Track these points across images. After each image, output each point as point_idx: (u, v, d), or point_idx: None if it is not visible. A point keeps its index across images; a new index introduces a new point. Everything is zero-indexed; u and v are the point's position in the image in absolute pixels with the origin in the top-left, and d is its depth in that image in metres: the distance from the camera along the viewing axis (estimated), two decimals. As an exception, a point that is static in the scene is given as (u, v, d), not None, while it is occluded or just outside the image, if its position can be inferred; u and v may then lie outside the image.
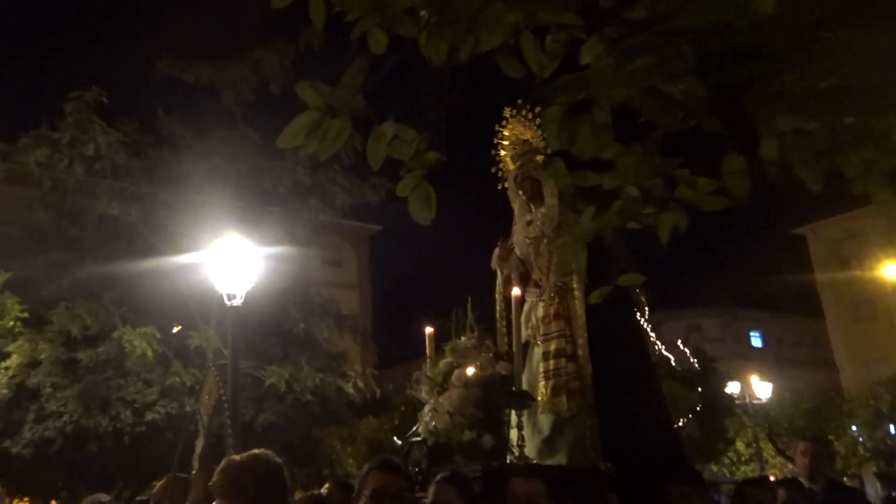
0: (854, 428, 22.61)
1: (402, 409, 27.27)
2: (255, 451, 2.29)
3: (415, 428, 5.02)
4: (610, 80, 1.56)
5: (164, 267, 12.98)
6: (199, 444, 6.98)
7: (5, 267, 11.86)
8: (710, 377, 25.29)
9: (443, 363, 4.97)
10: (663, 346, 24.43)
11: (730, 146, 1.76)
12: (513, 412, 4.95)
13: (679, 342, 26.96)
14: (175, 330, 13.99)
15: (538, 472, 3.35)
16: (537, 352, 5.40)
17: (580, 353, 5.18)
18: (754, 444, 23.89)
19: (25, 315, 9.73)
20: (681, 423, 21.58)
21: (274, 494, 2.15)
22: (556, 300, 5.39)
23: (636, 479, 4.49)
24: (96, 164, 12.16)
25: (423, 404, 5.08)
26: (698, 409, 23.06)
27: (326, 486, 5.21)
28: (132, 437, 13.67)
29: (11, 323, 9.83)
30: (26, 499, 18.39)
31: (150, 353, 12.44)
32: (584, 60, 1.84)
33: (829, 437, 23.16)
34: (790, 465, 24.89)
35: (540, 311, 5.46)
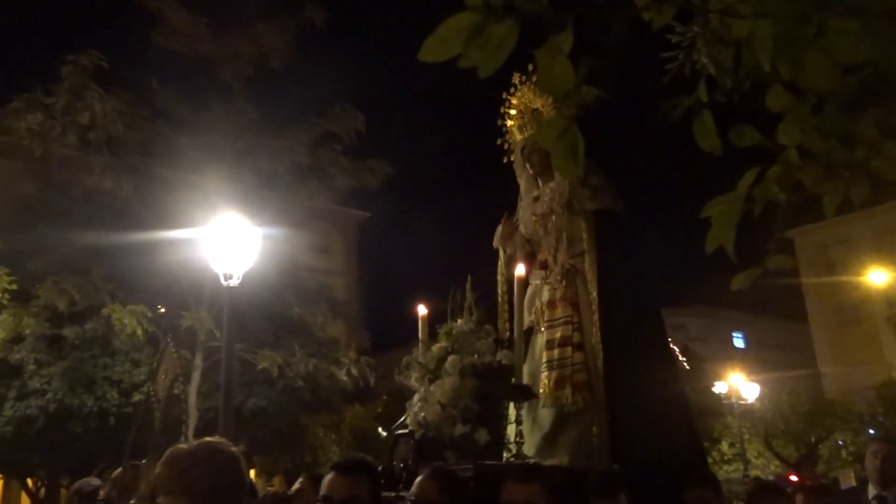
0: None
1: (385, 398, 27.04)
2: (208, 438, 1.92)
3: (403, 419, 4.57)
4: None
5: (157, 244, 12.54)
6: (187, 428, 6.53)
7: (-9, 238, 11.38)
8: (699, 376, 25.34)
9: (436, 348, 4.50)
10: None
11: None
12: (511, 405, 4.50)
13: (669, 340, 26.99)
14: (161, 310, 13.55)
15: (536, 474, 3.02)
16: (541, 339, 5.02)
17: (591, 341, 4.78)
18: (737, 444, 23.96)
19: (14, 287, 9.30)
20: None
21: (228, 490, 1.79)
22: (564, 283, 4.99)
23: (648, 483, 4.09)
24: (90, 134, 11.65)
25: (411, 393, 4.70)
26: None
27: (300, 479, 4.84)
28: (118, 419, 13.23)
29: (0, 295, 9.40)
30: (1, 477, 17.93)
31: (140, 333, 11.99)
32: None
33: (813, 440, 23.33)
34: (772, 467, 25.07)
35: (545, 295, 5.07)
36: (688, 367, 25.51)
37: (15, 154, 14.16)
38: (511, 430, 4.41)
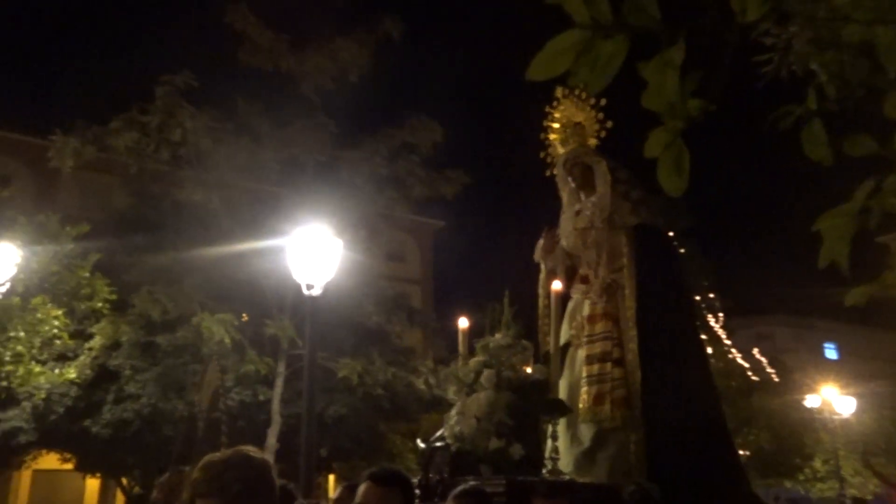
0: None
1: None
2: (240, 447, 2.04)
3: (441, 431, 4.62)
4: None
5: (242, 254, 13.01)
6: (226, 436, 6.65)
7: (92, 251, 12.04)
8: (788, 389, 24.26)
9: (473, 362, 4.58)
10: (739, 354, 23.60)
11: None
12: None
13: (756, 351, 25.97)
14: (244, 318, 14.02)
15: (564, 491, 2.97)
16: (580, 354, 5.00)
17: (629, 357, 4.73)
18: (832, 462, 22.76)
19: (114, 297, 9.87)
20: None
21: (260, 494, 1.90)
22: (605, 298, 4.96)
23: (685, 502, 4.07)
24: (181, 150, 12.24)
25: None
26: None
27: (339, 489, 4.89)
28: (206, 423, 13.73)
29: (100, 304, 9.97)
30: (98, 475, 18.89)
31: (227, 340, 12.44)
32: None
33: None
34: (871, 486, 23.65)
35: (586, 310, 5.06)
36: (776, 379, 24.46)
37: (113, 170, 14.98)
38: (550, 445, 4.44)
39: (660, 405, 4.51)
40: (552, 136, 5.37)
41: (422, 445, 4.83)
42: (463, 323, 4.94)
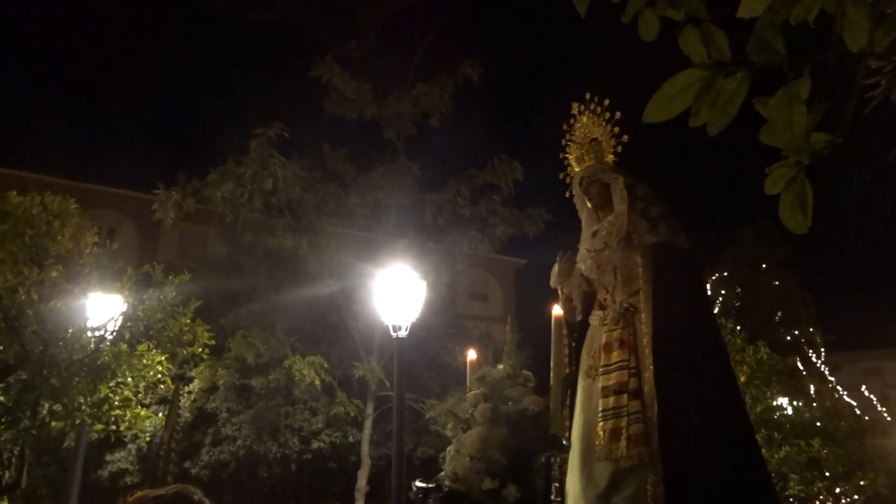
0: None
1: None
2: (176, 485, 1.96)
3: (442, 472, 4.38)
4: None
5: (331, 298, 13.31)
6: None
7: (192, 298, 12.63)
8: (904, 429, 22.57)
9: (471, 395, 4.35)
10: (845, 392, 22.21)
11: None
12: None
13: (864, 388, 24.40)
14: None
15: None
16: (598, 387, 4.62)
17: (646, 388, 4.33)
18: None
19: (213, 342, 10.31)
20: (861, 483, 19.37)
21: None
22: (621, 325, 4.57)
23: None
24: (272, 198, 12.74)
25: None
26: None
27: None
28: (298, 465, 13.97)
29: (200, 349, 10.44)
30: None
31: (318, 383, 12.68)
32: None
33: None
34: None
35: (602, 338, 4.67)
36: (888, 418, 22.83)
37: (209, 220, 15.72)
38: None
39: (678, 441, 4.11)
40: (570, 156, 5.12)
41: (417, 485, 4.62)
42: (471, 355, 4.91)
